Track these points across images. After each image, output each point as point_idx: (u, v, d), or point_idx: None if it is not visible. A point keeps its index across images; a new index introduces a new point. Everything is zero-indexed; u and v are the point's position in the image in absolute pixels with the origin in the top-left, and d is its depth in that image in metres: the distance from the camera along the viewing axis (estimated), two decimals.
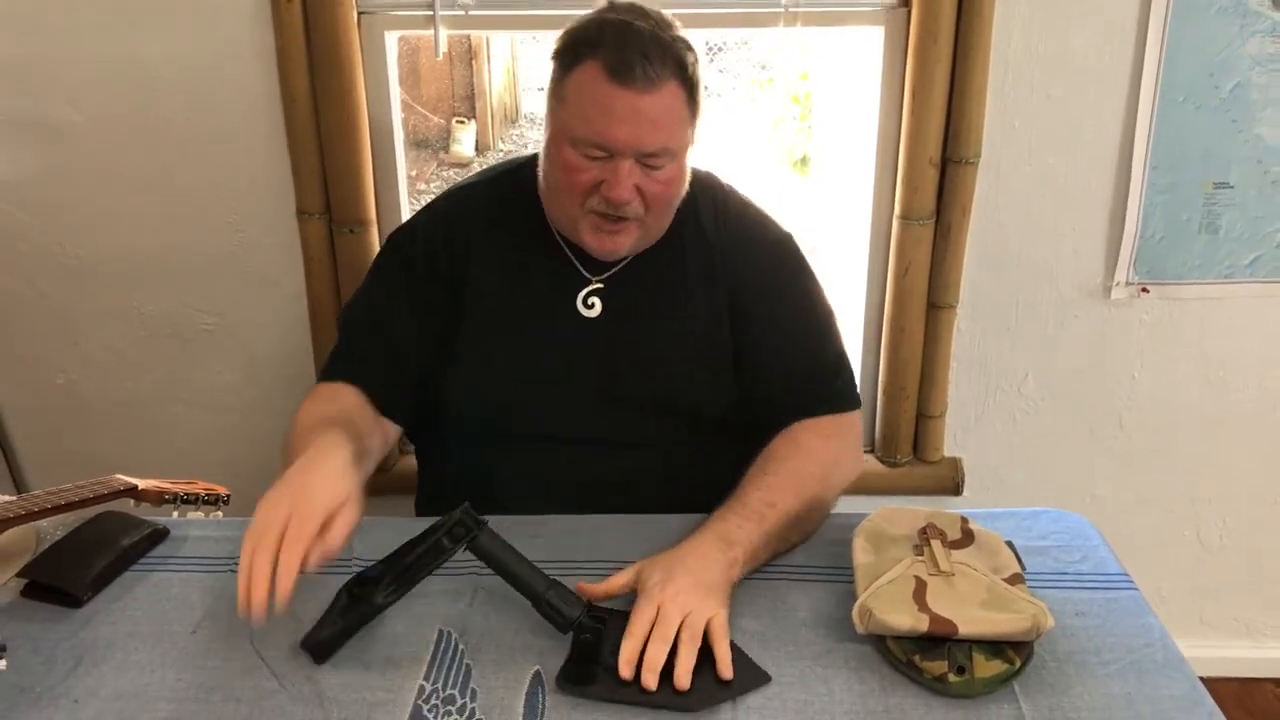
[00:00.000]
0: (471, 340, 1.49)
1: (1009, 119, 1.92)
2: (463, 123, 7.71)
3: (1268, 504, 2.22)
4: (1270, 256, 2.00)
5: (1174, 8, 1.84)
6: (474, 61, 7.84)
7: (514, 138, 8.88)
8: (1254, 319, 2.06)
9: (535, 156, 1.50)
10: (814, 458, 1.40)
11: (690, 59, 1.34)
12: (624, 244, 1.41)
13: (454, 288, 1.49)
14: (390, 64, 1.94)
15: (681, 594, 1.14)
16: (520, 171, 1.53)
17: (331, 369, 1.50)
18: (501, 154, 8.20)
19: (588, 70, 1.31)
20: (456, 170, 7.38)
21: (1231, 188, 1.96)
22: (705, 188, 1.51)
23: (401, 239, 1.55)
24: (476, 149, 7.86)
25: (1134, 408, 2.14)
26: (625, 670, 1.09)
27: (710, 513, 1.31)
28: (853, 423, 1.51)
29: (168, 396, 2.16)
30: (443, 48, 1.90)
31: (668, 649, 1.10)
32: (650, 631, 1.11)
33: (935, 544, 1.21)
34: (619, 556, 1.27)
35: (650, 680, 1.08)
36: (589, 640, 1.12)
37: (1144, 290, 2.03)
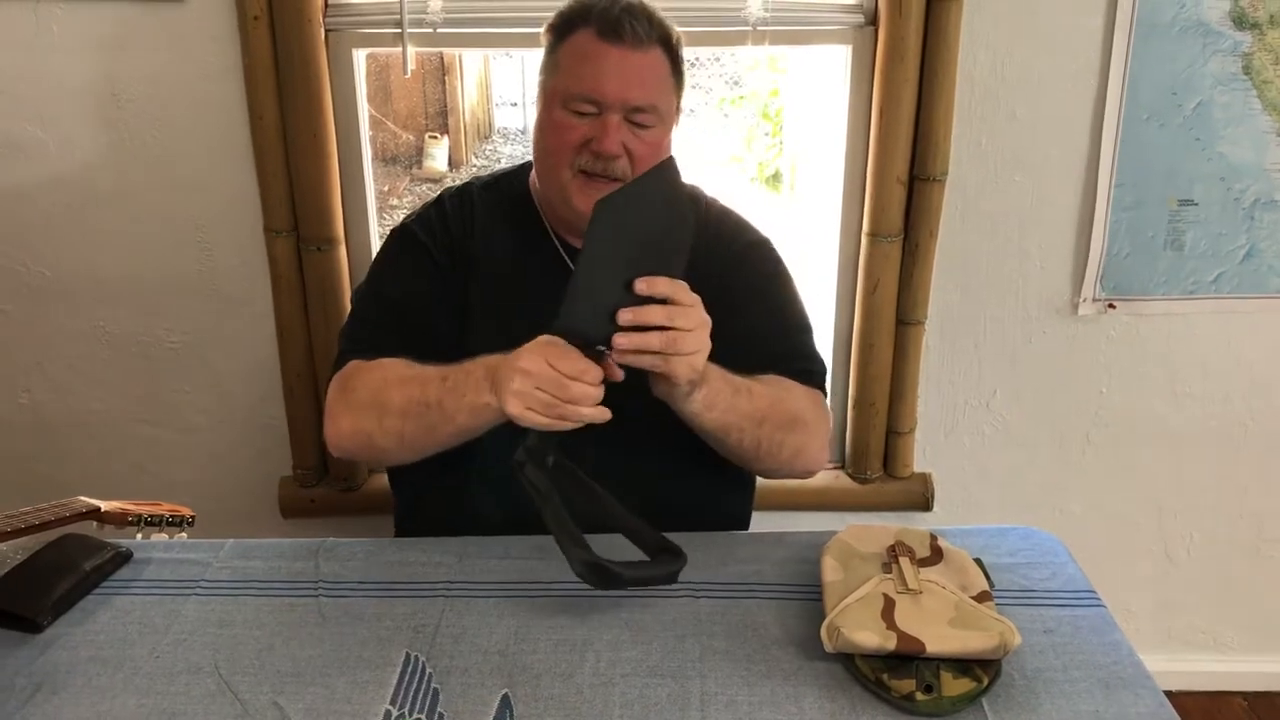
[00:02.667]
0: (471, 340, 1.47)
1: (975, 137, 1.94)
2: (436, 138, 7.70)
3: (1234, 518, 2.24)
4: (1234, 273, 2.02)
5: (1137, 27, 1.87)
6: (447, 77, 7.84)
7: (487, 153, 8.87)
8: (1218, 334, 2.08)
9: (530, 163, 1.54)
10: (793, 395, 1.45)
11: (674, 35, 1.43)
12: None
13: (463, 282, 1.49)
14: (358, 82, 1.93)
15: None
16: (517, 175, 1.57)
17: (365, 351, 1.43)
18: (475, 169, 8.19)
19: (580, 36, 1.40)
20: (429, 186, 7.35)
21: (1195, 205, 1.98)
22: (689, 197, 1.52)
23: (415, 227, 1.53)
24: (450, 164, 7.85)
25: (1101, 423, 2.16)
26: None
27: (692, 530, 1.33)
28: (821, 403, 1.51)
29: (133, 416, 2.13)
30: (411, 65, 1.90)
31: None
32: None
33: (904, 561, 1.21)
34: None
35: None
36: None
37: (1110, 306, 2.05)
